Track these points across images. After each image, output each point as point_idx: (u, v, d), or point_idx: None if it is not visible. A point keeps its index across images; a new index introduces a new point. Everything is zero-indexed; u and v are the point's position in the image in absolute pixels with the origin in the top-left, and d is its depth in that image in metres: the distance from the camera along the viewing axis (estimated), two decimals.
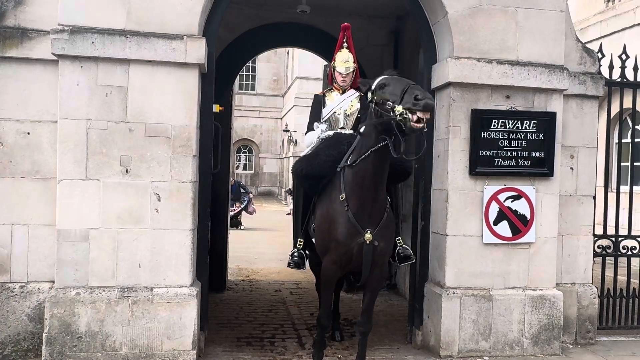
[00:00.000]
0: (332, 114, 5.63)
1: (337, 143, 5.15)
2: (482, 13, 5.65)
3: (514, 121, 5.70)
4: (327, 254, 4.94)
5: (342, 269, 4.99)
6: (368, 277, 4.88)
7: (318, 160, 5.07)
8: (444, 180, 5.71)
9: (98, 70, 5.02)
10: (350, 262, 4.85)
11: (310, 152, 5.39)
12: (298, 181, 5.39)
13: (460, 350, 5.62)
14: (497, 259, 5.72)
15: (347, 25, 5.69)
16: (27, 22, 5.17)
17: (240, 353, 5.62)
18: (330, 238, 4.85)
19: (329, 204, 4.92)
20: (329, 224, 4.88)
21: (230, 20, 7.52)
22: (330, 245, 4.87)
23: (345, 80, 5.60)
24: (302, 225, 5.40)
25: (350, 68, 5.58)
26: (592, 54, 6.27)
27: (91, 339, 4.98)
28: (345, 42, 5.64)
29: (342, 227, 4.75)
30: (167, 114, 5.12)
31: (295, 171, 5.23)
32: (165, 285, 5.13)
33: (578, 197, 6.21)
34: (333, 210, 4.84)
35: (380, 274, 4.98)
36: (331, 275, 5.00)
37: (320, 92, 5.95)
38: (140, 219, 5.10)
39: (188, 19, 5.15)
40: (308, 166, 5.12)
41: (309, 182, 5.13)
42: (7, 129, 5.17)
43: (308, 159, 5.24)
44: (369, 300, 4.99)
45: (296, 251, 5.40)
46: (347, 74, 5.58)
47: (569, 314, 6.12)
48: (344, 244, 4.75)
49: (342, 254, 4.79)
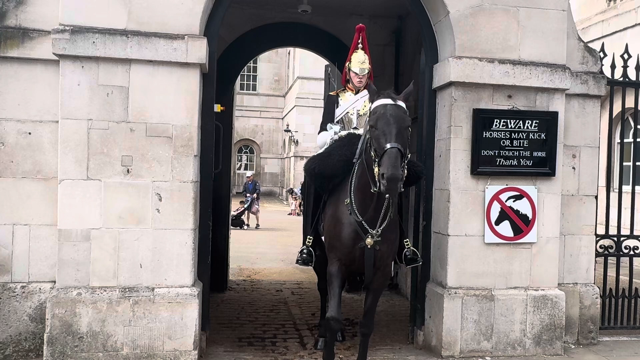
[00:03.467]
0: (345, 114, 5.66)
1: (349, 143, 5.17)
2: (483, 12, 5.64)
3: (515, 121, 5.69)
4: (332, 252, 5.02)
5: (347, 268, 5.03)
6: (371, 279, 4.92)
7: (331, 159, 5.12)
8: (446, 180, 5.70)
9: (99, 70, 5.02)
10: (354, 263, 4.90)
11: (323, 152, 5.42)
12: (310, 179, 5.44)
13: (462, 350, 5.60)
14: (499, 258, 5.71)
15: (362, 26, 5.69)
16: (28, 22, 5.16)
17: (241, 353, 5.62)
18: (336, 238, 4.93)
19: (337, 205, 4.99)
20: (334, 225, 4.96)
21: (231, 20, 7.53)
22: (335, 245, 4.96)
23: (362, 81, 5.59)
24: (312, 224, 5.45)
25: (366, 69, 5.59)
26: (594, 53, 6.25)
27: (92, 339, 4.97)
28: (360, 43, 5.65)
29: (346, 230, 4.82)
30: (169, 114, 5.12)
31: (308, 169, 5.27)
32: (167, 285, 5.13)
33: (580, 197, 6.20)
34: (340, 212, 4.92)
35: (384, 276, 5.01)
36: (337, 272, 5.00)
37: (334, 92, 5.96)
38: (142, 219, 5.09)
39: (189, 18, 5.15)
40: (321, 165, 5.17)
41: (321, 180, 5.19)
42: (9, 129, 5.16)
43: (321, 158, 5.28)
44: (371, 301, 5.02)
45: (305, 248, 5.43)
46: (363, 75, 5.58)
47: (571, 314, 6.10)
48: (347, 245, 4.83)
49: (346, 255, 4.86)
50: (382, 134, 4.30)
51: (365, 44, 5.67)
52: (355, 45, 5.66)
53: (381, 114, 4.38)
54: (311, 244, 5.41)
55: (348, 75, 5.70)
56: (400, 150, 4.19)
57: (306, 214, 5.78)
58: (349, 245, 4.80)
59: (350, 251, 4.81)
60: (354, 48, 5.65)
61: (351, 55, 5.63)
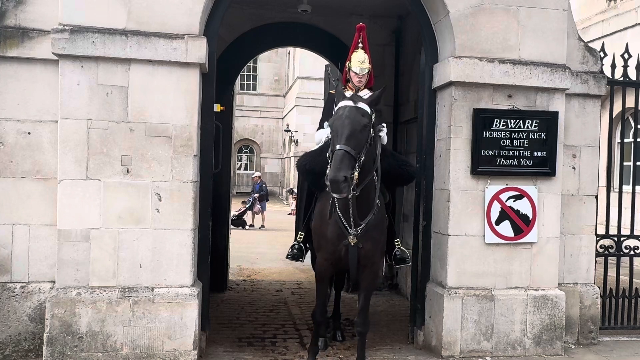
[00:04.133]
0: None
1: None
2: (483, 12, 5.63)
3: (516, 120, 5.68)
4: (320, 251, 5.13)
5: (334, 267, 5.14)
6: (360, 277, 5.02)
7: (322, 157, 5.13)
8: (446, 179, 5.69)
9: (99, 69, 5.01)
10: (341, 261, 5.01)
11: (316, 149, 5.49)
12: (301, 176, 5.55)
13: (462, 350, 5.60)
14: (499, 258, 5.71)
15: (362, 25, 5.65)
16: (28, 22, 5.16)
17: (241, 353, 5.61)
18: (321, 235, 5.04)
19: (325, 203, 5.05)
20: (320, 222, 5.06)
21: (231, 20, 7.52)
22: (321, 243, 5.06)
23: (362, 81, 5.54)
24: (304, 219, 5.51)
25: (366, 69, 5.52)
26: (594, 53, 6.24)
27: (92, 339, 4.97)
28: (361, 42, 5.60)
29: (331, 227, 4.91)
30: (168, 114, 5.12)
31: (299, 166, 5.37)
32: (166, 285, 5.12)
33: (580, 197, 6.19)
34: (326, 210, 4.98)
35: (372, 274, 5.05)
36: (323, 271, 5.15)
37: (334, 91, 5.95)
38: (141, 219, 5.09)
39: (189, 18, 5.14)
40: (312, 162, 5.25)
41: (312, 177, 5.26)
42: (8, 128, 5.16)
43: (313, 155, 5.37)
44: (363, 300, 5.07)
45: (296, 244, 5.52)
46: (363, 74, 5.52)
47: (571, 314, 6.09)
48: (332, 243, 4.92)
49: (332, 253, 4.96)
50: (335, 135, 4.47)
51: (366, 44, 5.63)
52: (356, 44, 5.62)
53: (338, 116, 4.56)
54: (302, 239, 5.49)
55: (348, 75, 5.69)
56: (347, 152, 4.30)
57: (299, 210, 5.85)
58: (334, 242, 4.90)
59: (335, 249, 4.91)
60: (354, 47, 5.62)
61: (351, 55, 5.60)
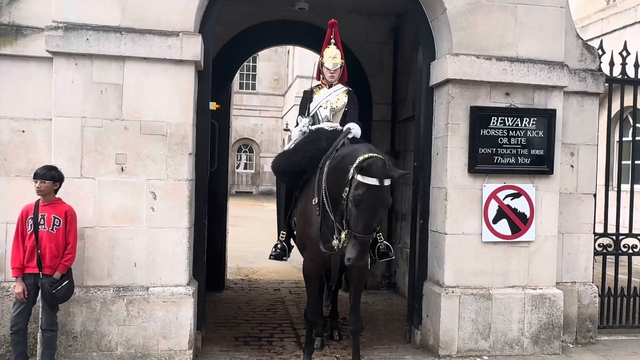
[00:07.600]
0: (318, 108, 5.71)
1: (315, 139, 5.28)
2: (481, 9, 5.60)
3: (513, 118, 5.65)
4: (305, 251, 5.13)
5: (321, 267, 5.14)
6: (348, 275, 5.08)
7: (296, 156, 5.21)
8: (443, 178, 5.66)
9: (93, 67, 4.98)
10: (327, 261, 5.00)
11: (289, 149, 5.52)
12: (277, 176, 5.57)
13: (460, 349, 5.57)
14: (496, 257, 5.67)
15: (334, 21, 5.80)
16: (22, 19, 5.13)
17: (237, 352, 5.58)
18: (306, 236, 5.04)
19: (306, 203, 5.07)
20: (304, 223, 5.06)
21: (228, 18, 7.48)
22: (306, 243, 5.07)
23: (334, 76, 5.70)
24: (285, 218, 5.53)
25: (338, 64, 5.69)
26: (593, 50, 6.21)
27: (86, 338, 4.94)
28: (333, 38, 5.76)
29: (315, 229, 4.91)
30: (163, 112, 5.08)
31: (274, 167, 5.39)
32: (161, 284, 5.09)
33: (578, 195, 6.16)
34: (309, 211, 4.99)
35: (359, 271, 4.99)
36: (311, 271, 5.15)
37: (309, 88, 5.98)
38: (136, 217, 5.05)
39: (184, 15, 5.11)
40: (285, 162, 5.28)
41: (287, 177, 5.30)
42: (2, 127, 5.13)
43: (286, 155, 5.40)
44: (354, 298, 5.06)
45: (279, 243, 5.53)
46: (335, 69, 5.68)
47: (569, 313, 6.07)
48: (317, 243, 4.89)
49: (316, 253, 4.94)
50: (360, 217, 4.23)
51: (338, 40, 5.78)
52: (328, 40, 5.77)
53: (365, 198, 4.20)
54: (284, 238, 5.50)
55: (321, 71, 5.74)
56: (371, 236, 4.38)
57: (278, 209, 5.82)
58: (318, 243, 4.87)
59: (320, 250, 4.88)
60: (327, 43, 5.77)
61: (324, 51, 5.74)
